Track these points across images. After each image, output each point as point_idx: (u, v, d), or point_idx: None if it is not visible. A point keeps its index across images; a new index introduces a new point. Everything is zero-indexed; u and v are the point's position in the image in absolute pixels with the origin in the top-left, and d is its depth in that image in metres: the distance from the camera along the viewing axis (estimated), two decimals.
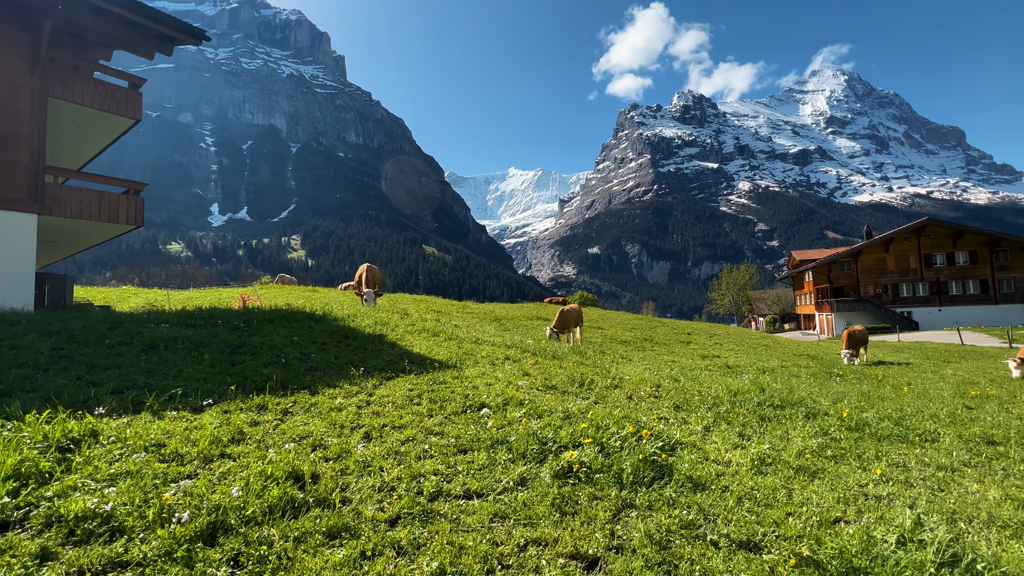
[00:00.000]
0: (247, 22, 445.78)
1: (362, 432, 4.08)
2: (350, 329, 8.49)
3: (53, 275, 15.65)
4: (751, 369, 14.32)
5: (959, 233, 43.28)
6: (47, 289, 14.62)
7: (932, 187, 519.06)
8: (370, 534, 2.61)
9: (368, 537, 2.58)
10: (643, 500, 3.34)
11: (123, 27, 12.16)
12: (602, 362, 9.64)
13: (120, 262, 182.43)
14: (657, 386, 7.80)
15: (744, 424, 5.80)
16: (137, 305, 16.98)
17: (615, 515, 3.13)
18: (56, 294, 14.95)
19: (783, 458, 4.51)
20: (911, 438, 6.12)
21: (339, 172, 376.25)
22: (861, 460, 4.90)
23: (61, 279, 15.66)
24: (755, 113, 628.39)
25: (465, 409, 4.97)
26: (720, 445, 4.97)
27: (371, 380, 5.61)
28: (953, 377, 15.00)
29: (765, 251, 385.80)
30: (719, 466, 4.27)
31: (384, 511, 2.88)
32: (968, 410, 8.81)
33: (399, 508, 2.91)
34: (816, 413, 6.80)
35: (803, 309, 54.64)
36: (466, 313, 22.17)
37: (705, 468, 4.10)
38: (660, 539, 2.87)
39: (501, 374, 6.88)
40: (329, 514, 2.70)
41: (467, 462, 3.69)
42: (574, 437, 4.24)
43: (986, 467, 5.16)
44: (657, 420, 5.49)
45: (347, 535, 2.58)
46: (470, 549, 2.57)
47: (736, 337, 25.85)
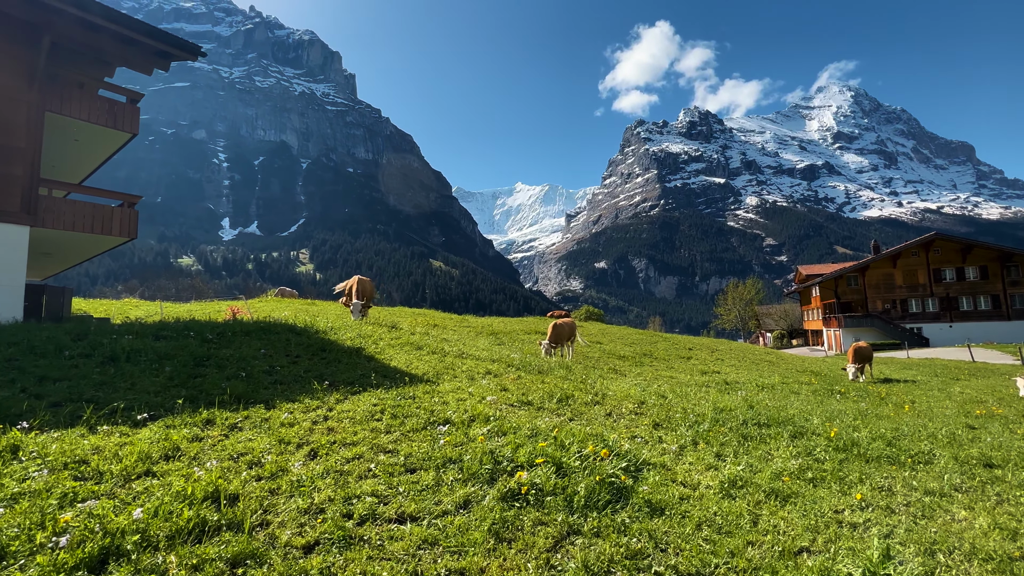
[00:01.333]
0: (261, 42, 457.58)
1: (308, 449, 3.91)
2: (329, 342, 8.35)
3: (51, 287, 15.74)
4: (749, 386, 13.96)
5: (968, 248, 42.57)
6: (45, 301, 14.69)
7: (943, 202, 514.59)
8: (278, 562, 2.43)
9: (274, 565, 2.40)
10: (592, 526, 3.12)
11: (121, 44, 12.39)
12: (588, 377, 9.39)
13: (132, 275, 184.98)
14: (641, 403, 7.55)
15: (723, 444, 5.54)
16: (136, 317, 17.01)
17: (557, 543, 2.91)
18: (54, 306, 15.01)
19: (756, 481, 4.26)
20: (903, 460, 5.82)
21: (348, 187, 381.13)
22: (843, 483, 4.63)
23: (59, 291, 15.74)
24: (761, 129, 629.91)
25: (426, 426, 4.78)
26: (694, 465, 4.72)
27: (335, 394, 5.44)
28: (960, 395, 14.53)
29: (773, 266, 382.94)
30: (685, 488, 4.03)
31: (303, 536, 2.69)
32: (970, 430, 8.44)
33: (320, 533, 2.72)
34: (804, 432, 6.51)
35: (811, 325, 53.80)
36: (463, 327, 21.98)
37: (669, 491, 3.87)
38: (599, 570, 2.66)
39: (476, 389, 6.68)
40: (239, 539, 2.52)
41: (412, 482, 3.50)
42: (531, 456, 4.03)
43: (979, 492, 4.86)
44: (629, 439, 5.26)
45: (252, 563, 2.40)
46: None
47: (739, 353, 25.36)
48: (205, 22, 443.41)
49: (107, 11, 11.21)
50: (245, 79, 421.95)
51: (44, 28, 10.96)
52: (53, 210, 11.89)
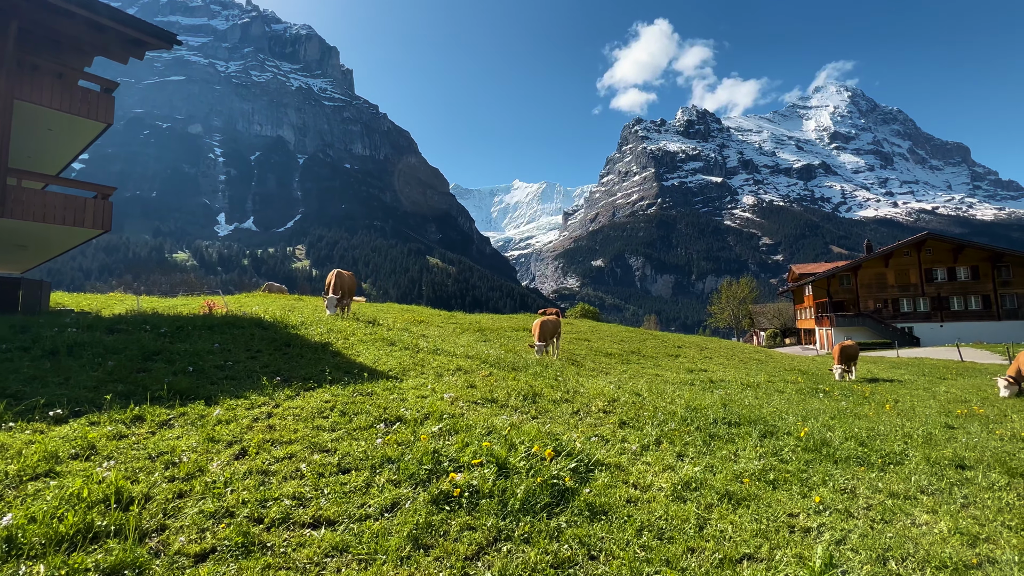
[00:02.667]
0: (258, 36, 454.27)
1: (238, 448, 3.71)
2: (296, 337, 8.15)
3: (28, 280, 15.47)
4: (734, 384, 13.83)
5: (960, 248, 42.60)
6: (21, 295, 14.45)
7: (937, 203, 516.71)
8: (160, 573, 2.24)
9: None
10: (523, 531, 2.94)
11: (94, 31, 12.10)
12: (564, 375, 9.22)
13: (126, 270, 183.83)
14: (613, 401, 7.38)
15: (688, 443, 5.37)
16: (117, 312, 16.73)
17: (480, 550, 2.73)
18: (31, 299, 14.74)
19: (712, 482, 4.09)
20: (873, 460, 5.67)
21: (345, 183, 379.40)
22: (804, 485, 4.47)
23: (37, 284, 15.48)
24: (759, 128, 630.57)
25: (375, 424, 4.59)
26: (651, 466, 4.56)
27: (286, 391, 5.24)
28: (945, 394, 14.44)
29: (770, 265, 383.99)
30: (636, 491, 3.86)
31: (200, 543, 2.50)
32: (948, 430, 8.32)
33: (220, 540, 2.53)
34: (775, 432, 6.35)
35: (803, 324, 53.85)
36: (450, 323, 21.76)
37: (617, 493, 3.70)
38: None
39: (441, 386, 6.49)
40: (123, 547, 2.33)
41: (340, 484, 3.31)
42: (476, 457, 3.85)
43: (945, 494, 4.71)
44: (588, 438, 5.09)
45: (130, 574, 2.20)
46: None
47: (728, 351, 25.26)
48: (201, 15, 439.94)
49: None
50: (242, 73, 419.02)
51: (10, 13, 10.66)
52: (22, 201, 11.60)
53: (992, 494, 4.79)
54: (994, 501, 4.60)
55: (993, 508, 4.40)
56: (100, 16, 11.55)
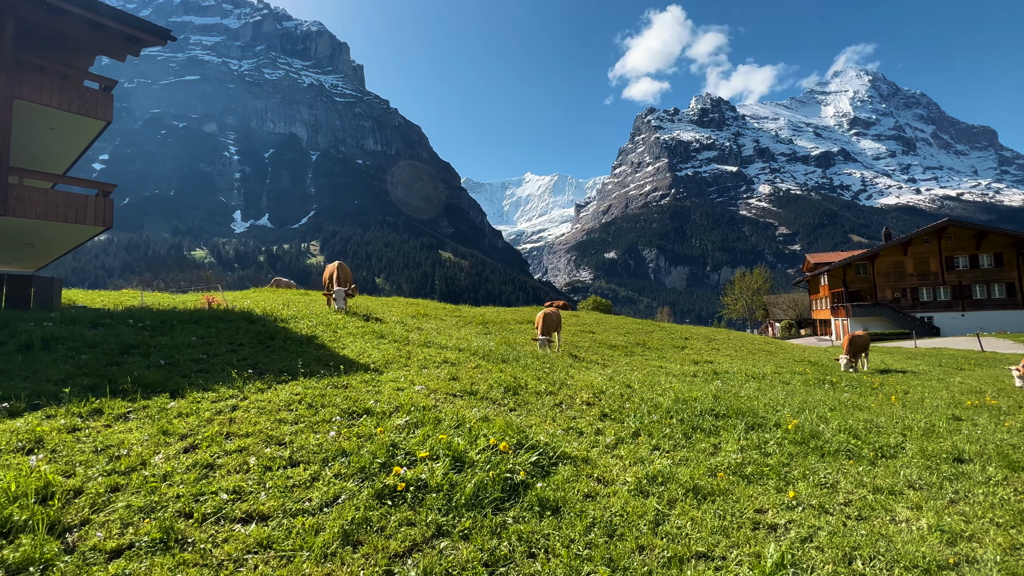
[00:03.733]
0: (270, 34, 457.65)
1: (190, 441, 3.66)
2: (284, 330, 8.13)
3: (39, 278, 15.91)
4: (738, 375, 13.54)
5: (982, 235, 41.13)
6: (33, 292, 14.81)
7: (963, 189, 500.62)
8: (66, 569, 2.18)
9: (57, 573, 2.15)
10: (464, 527, 2.83)
11: (89, 29, 12.19)
12: (554, 367, 9.08)
13: (146, 268, 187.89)
14: (599, 393, 7.23)
15: (667, 436, 5.21)
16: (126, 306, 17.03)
17: (413, 547, 2.63)
18: (42, 296, 15.13)
19: (681, 477, 3.94)
20: (864, 453, 5.44)
21: (357, 179, 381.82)
22: (782, 479, 4.29)
23: (48, 282, 15.90)
24: (775, 115, 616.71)
25: (339, 416, 4.52)
26: (623, 459, 4.41)
27: (257, 383, 5.20)
28: (960, 385, 13.96)
29: (787, 255, 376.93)
30: (598, 485, 3.73)
31: (119, 538, 2.44)
32: (954, 421, 7.99)
33: (140, 535, 2.47)
34: (763, 424, 6.15)
35: (819, 314, 52.73)
36: (454, 316, 21.72)
37: (576, 487, 3.57)
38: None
39: (421, 378, 6.41)
40: (31, 543, 2.28)
41: (286, 477, 3.24)
42: (433, 450, 3.75)
43: (935, 489, 4.48)
44: (562, 430, 4.96)
45: (33, 569, 2.15)
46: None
47: (737, 343, 24.80)
48: (214, 14, 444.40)
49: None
50: (254, 71, 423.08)
51: (6, 12, 10.77)
52: (24, 199, 11.80)
53: (986, 489, 4.55)
54: (987, 496, 4.36)
55: (984, 504, 4.17)
56: (95, 14, 11.63)
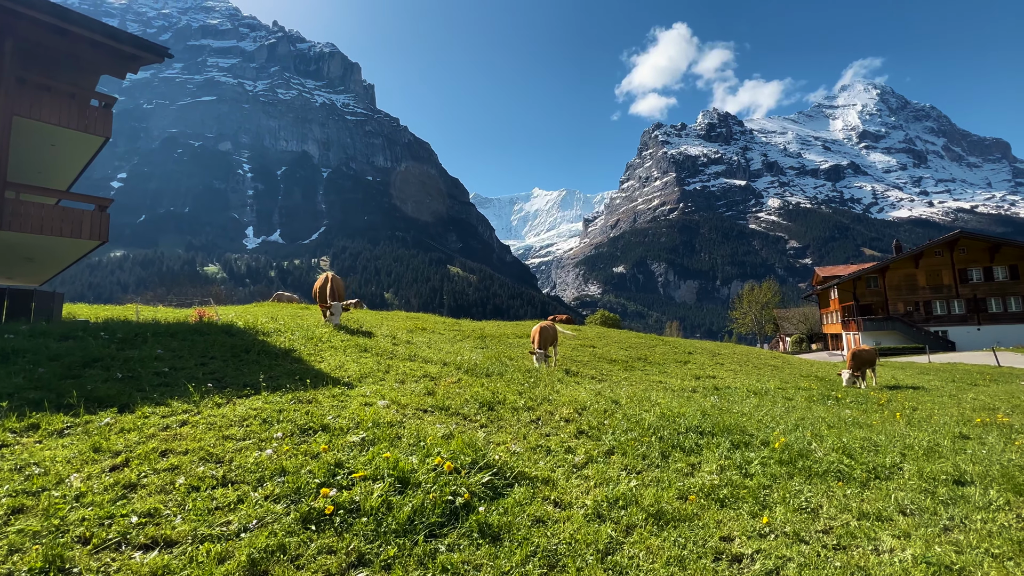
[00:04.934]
0: (284, 55, 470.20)
1: (123, 458, 3.48)
2: (262, 343, 7.99)
3: (40, 292, 16.17)
4: (739, 391, 13.13)
5: (996, 246, 40.19)
6: (33, 305, 14.97)
7: (976, 201, 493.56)
8: None
9: None
10: (388, 555, 2.60)
11: (88, 47, 12.44)
12: (540, 381, 8.81)
13: (160, 283, 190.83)
14: (582, 408, 6.95)
15: (643, 455, 4.92)
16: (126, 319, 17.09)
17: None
18: (43, 309, 15.32)
19: (644, 500, 3.66)
20: (856, 474, 5.09)
21: (367, 195, 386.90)
22: (759, 503, 3.98)
23: (49, 296, 16.15)
24: (783, 129, 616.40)
25: (293, 433, 4.32)
26: (589, 480, 4.14)
27: (216, 398, 5.03)
28: (972, 402, 13.40)
29: (797, 269, 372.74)
30: (553, 508, 3.47)
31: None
32: (960, 440, 7.57)
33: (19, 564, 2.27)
34: (749, 442, 5.82)
35: (830, 328, 51.70)
36: (453, 330, 21.50)
37: (527, 511, 3.32)
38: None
39: (395, 394, 6.20)
40: None
41: (211, 498, 3.03)
42: (378, 469, 3.53)
43: (928, 514, 4.14)
44: (532, 449, 4.70)
45: None
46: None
47: (742, 357, 24.25)
48: (231, 38, 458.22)
49: (65, 13, 11.22)
50: (268, 92, 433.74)
51: (5, 31, 11.01)
52: (20, 214, 11.91)
53: (986, 515, 4.19)
54: (985, 523, 4.02)
55: (981, 532, 3.83)
56: (94, 33, 11.85)
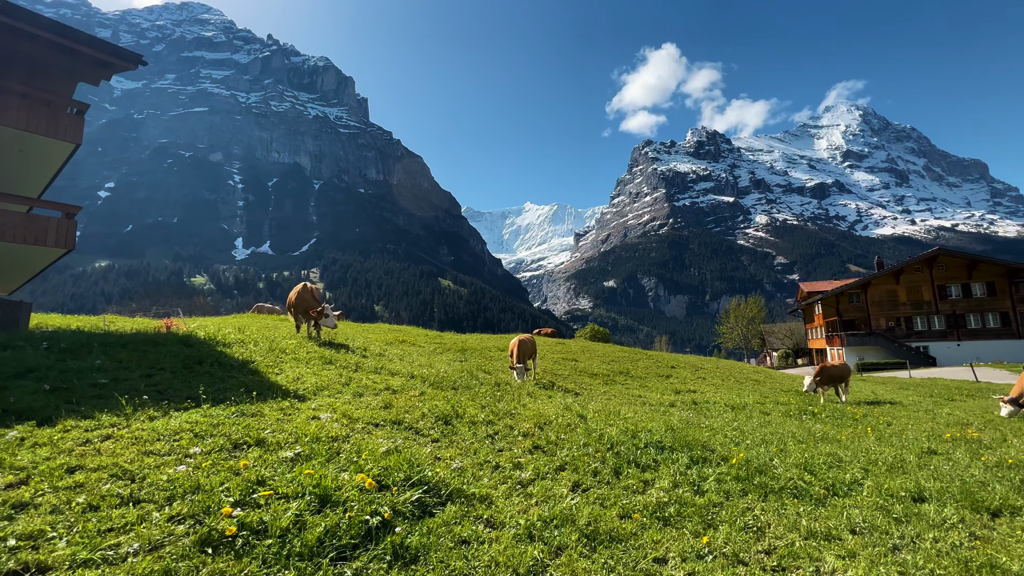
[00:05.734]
0: (278, 68, 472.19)
1: (22, 475, 3.26)
2: (219, 355, 7.76)
3: (6, 301, 15.78)
4: (718, 405, 13.06)
5: (973, 264, 40.94)
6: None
7: (957, 219, 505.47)
8: None
9: None
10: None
11: (60, 53, 12.30)
12: (505, 396, 8.63)
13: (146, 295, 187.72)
14: (545, 423, 6.79)
15: (595, 471, 4.77)
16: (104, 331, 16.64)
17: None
18: (8, 319, 14.89)
19: (580, 518, 3.51)
20: (814, 491, 4.98)
21: (359, 207, 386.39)
22: (705, 522, 3.84)
23: (16, 305, 15.72)
24: (770, 148, 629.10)
25: (223, 448, 4.11)
26: (532, 498, 3.98)
27: (150, 411, 4.81)
28: (948, 417, 13.43)
29: (785, 284, 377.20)
30: (484, 528, 3.30)
31: None
32: (928, 455, 7.50)
33: None
34: (708, 458, 5.69)
35: (815, 343, 52.08)
36: (434, 343, 21.24)
37: (453, 531, 3.15)
38: None
39: (348, 407, 5.99)
40: None
41: (108, 519, 2.83)
42: (300, 486, 3.34)
43: (879, 533, 4.02)
44: (479, 464, 4.52)
45: None
46: None
47: (725, 372, 24.23)
48: (225, 50, 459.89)
49: (36, 18, 11.09)
50: (261, 104, 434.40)
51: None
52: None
53: (938, 533, 4.09)
54: (936, 542, 3.91)
55: (930, 552, 3.72)
56: (65, 39, 11.72)
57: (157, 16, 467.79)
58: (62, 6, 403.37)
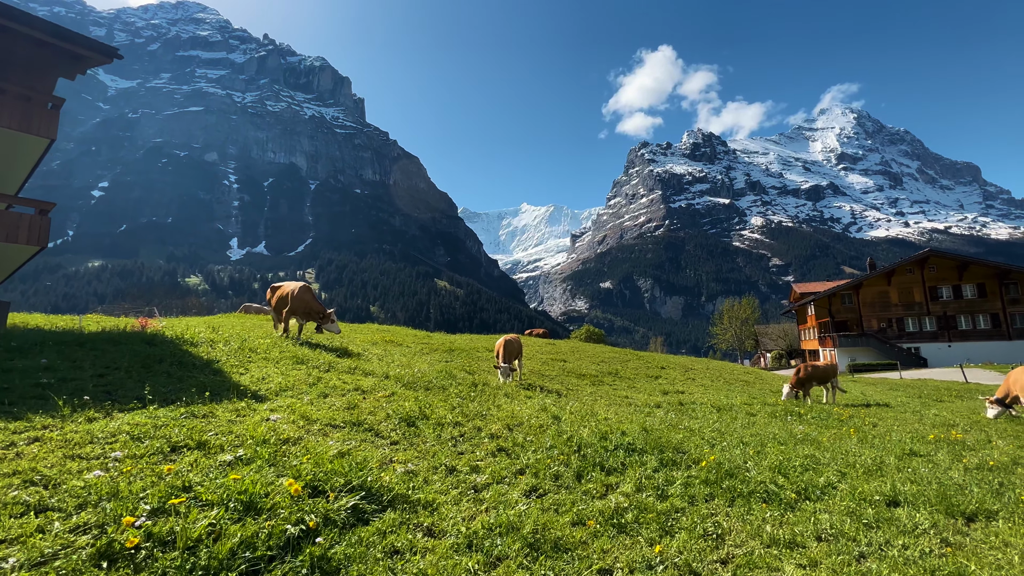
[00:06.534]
0: (274, 68, 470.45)
1: None
2: (184, 354, 7.53)
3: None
4: (704, 407, 12.89)
5: (964, 265, 41.04)
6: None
7: (950, 222, 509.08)
8: None
9: None
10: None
11: (33, 46, 12.04)
12: (480, 396, 8.44)
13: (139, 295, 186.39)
14: (516, 425, 6.60)
15: (556, 474, 4.58)
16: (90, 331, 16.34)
17: None
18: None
19: (526, 526, 3.31)
20: (784, 495, 4.80)
21: (355, 208, 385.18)
22: (663, 529, 3.66)
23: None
24: (765, 150, 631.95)
25: (159, 452, 3.89)
26: (483, 504, 3.78)
27: (90, 412, 4.59)
28: (934, 418, 13.32)
29: (780, 286, 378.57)
30: (423, 537, 3.10)
31: None
32: (909, 457, 7.35)
33: None
34: (678, 461, 5.51)
35: (807, 344, 52.11)
36: (421, 343, 21.01)
37: (387, 540, 2.95)
38: None
39: (308, 408, 5.78)
40: None
41: (3, 529, 2.60)
42: (227, 491, 3.13)
43: (846, 540, 3.84)
44: (433, 468, 4.32)
45: None
46: None
47: (715, 372, 24.11)
48: (220, 50, 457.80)
49: (8, 10, 10.82)
50: (257, 103, 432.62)
51: None
52: None
53: (908, 539, 3.92)
54: (906, 549, 3.74)
55: (897, 560, 3.54)
56: (36, 31, 11.46)
57: (152, 15, 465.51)
58: (56, 4, 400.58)
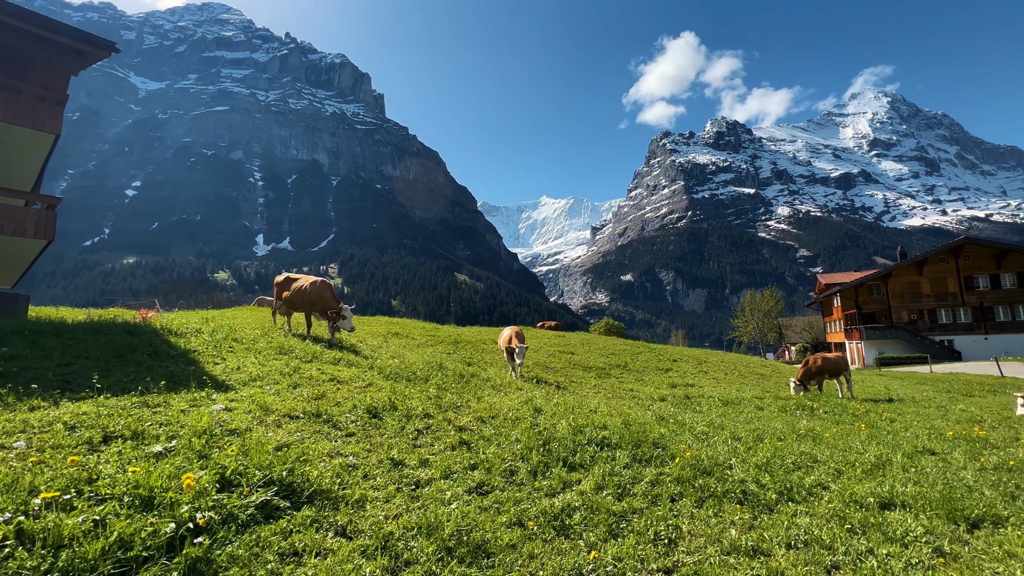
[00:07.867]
0: (295, 67, 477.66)
1: None
2: (160, 343, 7.49)
3: (3, 293, 16.23)
4: (711, 400, 12.42)
5: (1003, 253, 38.76)
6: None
7: (991, 209, 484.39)
8: None
9: None
10: None
11: (33, 42, 12.19)
12: (473, 388, 8.17)
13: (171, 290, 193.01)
14: (490, 418, 6.32)
15: (509, 471, 4.27)
16: None
17: None
18: (7, 310, 15.24)
19: (446, 529, 3.02)
20: (765, 496, 4.40)
21: (376, 203, 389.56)
22: (611, 531, 3.32)
23: (13, 297, 16.18)
24: (792, 137, 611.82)
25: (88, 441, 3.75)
26: (419, 500, 3.51)
27: (34, 401, 4.52)
28: (961, 414, 12.52)
29: (807, 277, 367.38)
30: (333, 538, 2.86)
31: None
32: (921, 455, 6.79)
33: None
34: (653, 457, 5.14)
35: (833, 337, 50.28)
36: (427, 335, 20.95)
37: (290, 540, 2.72)
38: None
39: (269, 399, 5.61)
40: None
41: None
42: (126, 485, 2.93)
43: (820, 548, 3.44)
44: (378, 461, 4.08)
45: None
46: None
47: (729, 365, 23.33)
48: (244, 49, 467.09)
49: (5, 6, 10.95)
50: (280, 102, 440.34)
51: None
52: None
53: (894, 548, 3.49)
54: (889, 558, 3.32)
55: (876, 573, 3.13)
56: (32, 26, 11.59)
57: (179, 17, 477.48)
58: (89, 9, 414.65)
